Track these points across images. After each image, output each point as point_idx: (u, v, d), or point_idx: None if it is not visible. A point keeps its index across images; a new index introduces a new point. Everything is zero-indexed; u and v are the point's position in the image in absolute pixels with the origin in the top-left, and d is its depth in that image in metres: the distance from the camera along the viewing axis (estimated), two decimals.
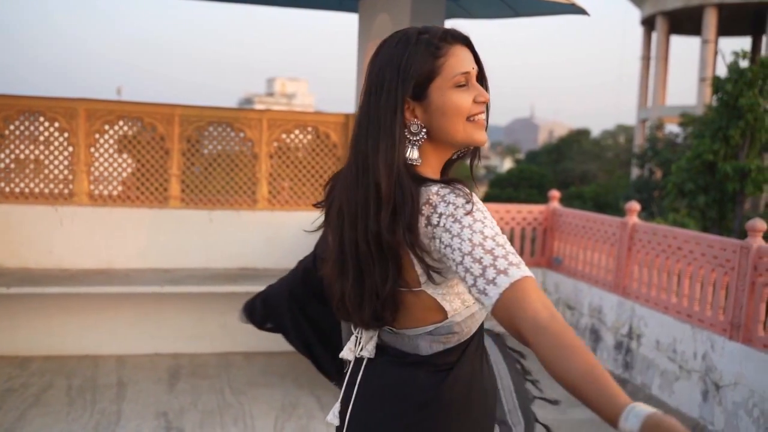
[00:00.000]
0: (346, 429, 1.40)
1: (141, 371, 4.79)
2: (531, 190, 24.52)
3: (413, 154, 1.30)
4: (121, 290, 4.70)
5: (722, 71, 15.24)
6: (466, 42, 1.33)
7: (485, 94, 1.32)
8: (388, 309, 1.29)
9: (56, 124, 5.05)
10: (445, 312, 1.30)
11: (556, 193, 6.96)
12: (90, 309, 5.01)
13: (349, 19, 6.33)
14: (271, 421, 4.05)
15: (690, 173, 12.81)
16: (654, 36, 29.16)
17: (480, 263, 1.15)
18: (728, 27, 27.01)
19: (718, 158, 12.53)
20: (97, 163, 5.17)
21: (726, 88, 12.56)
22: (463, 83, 1.30)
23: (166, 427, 3.93)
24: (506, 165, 57.16)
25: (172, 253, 5.25)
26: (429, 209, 1.23)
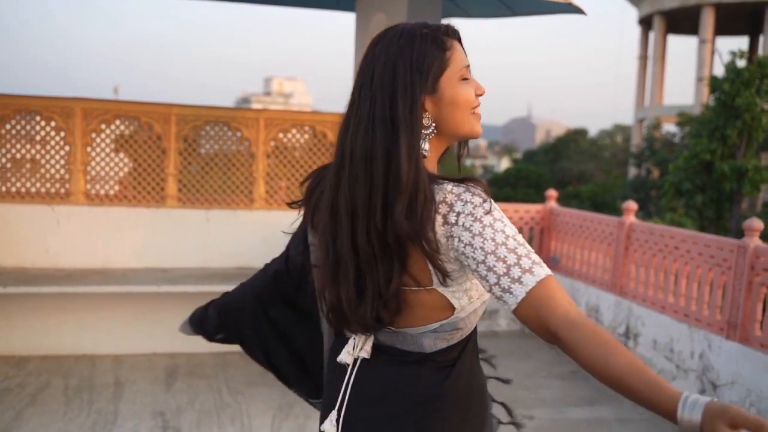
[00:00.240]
0: (341, 431, 1.37)
1: (138, 371, 4.78)
2: (528, 189, 24.57)
3: (425, 146, 1.30)
4: (118, 290, 4.70)
5: (719, 71, 15.25)
6: (459, 37, 1.36)
7: (482, 87, 1.35)
8: (390, 309, 1.28)
9: (53, 124, 5.04)
10: (452, 309, 1.30)
11: (553, 192, 6.97)
12: (87, 308, 5.01)
13: (346, 19, 6.35)
14: (268, 421, 4.05)
15: (687, 173, 12.84)
16: (651, 35, 29.23)
17: (504, 262, 1.17)
18: (725, 26, 27.09)
19: (716, 158, 12.57)
20: (93, 163, 5.16)
21: (723, 87, 12.59)
22: (467, 77, 1.32)
23: (163, 427, 3.92)
24: (503, 164, 57.26)
25: (169, 253, 5.24)
26: (445, 208, 1.23)
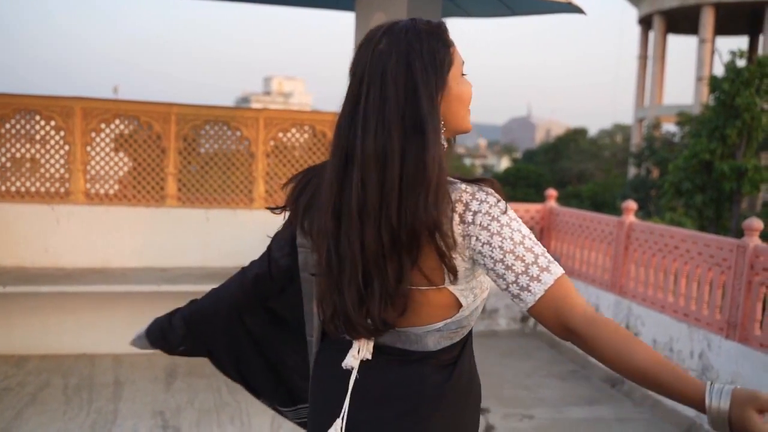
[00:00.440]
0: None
1: (138, 370, 4.78)
2: (528, 189, 24.58)
3: (444, 143, 1.30)
4: (117, 289, 4.70)
5: (719, 70, 15.25)
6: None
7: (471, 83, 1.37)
8: (397, 310, 1.27)
9: (52, 123, 5.04)
10: (457, 307, 1.30)
11: (553, 192, 6.97)
12: (86, 308, 5.01)
13: (346, 18, 6.34)
14: (267, 420, 4.04)
15: (687, 172, 12.84)
16: (651, 35, 29.21)
17: (522, 260, 1.20)
18: (725, 26, 27.08)
19: (715, 157, 12.56)
20: (93, 162, 5.16)
21: (723, 87, 12.59)
22: (464, 72, 1.33)
23: (163, 426, 3.92)
24: (503, 164, 57.26)
25: (168, 252, 5.24)
26: (461, 207, 1.23)
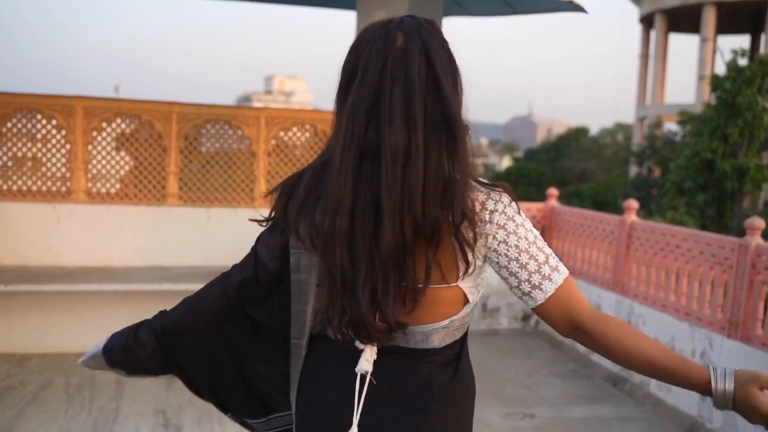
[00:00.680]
0: None
1: None
2: (529, 188, 24.54)
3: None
4: (119, 288, 4.70)
5: (721, 69, 15.23)
6: None
7: None
8: (407, 309, 1.25)
9: (54, 122, 5.04)
10: (463, 304, 1.31)
11: (554, 191, 6.96)
12: (88, 307, 5.01)
13: (347, 17, 6.33)
14: None
15: (688, 171, 12.83)
16: (653, 34, 29.17)
17: (536, 260, 1.26)
18: (727, 25, 27.03)
19: (717, 156, 12.54)
20: (94, 161, 5.16)
21: (725, 86, 12.56)
22: None
23: (164, 425, 3.93)
24: (505, 163, 57.21)
25: (170, 251, 5.24)
26: (478, 206, 1.25)
